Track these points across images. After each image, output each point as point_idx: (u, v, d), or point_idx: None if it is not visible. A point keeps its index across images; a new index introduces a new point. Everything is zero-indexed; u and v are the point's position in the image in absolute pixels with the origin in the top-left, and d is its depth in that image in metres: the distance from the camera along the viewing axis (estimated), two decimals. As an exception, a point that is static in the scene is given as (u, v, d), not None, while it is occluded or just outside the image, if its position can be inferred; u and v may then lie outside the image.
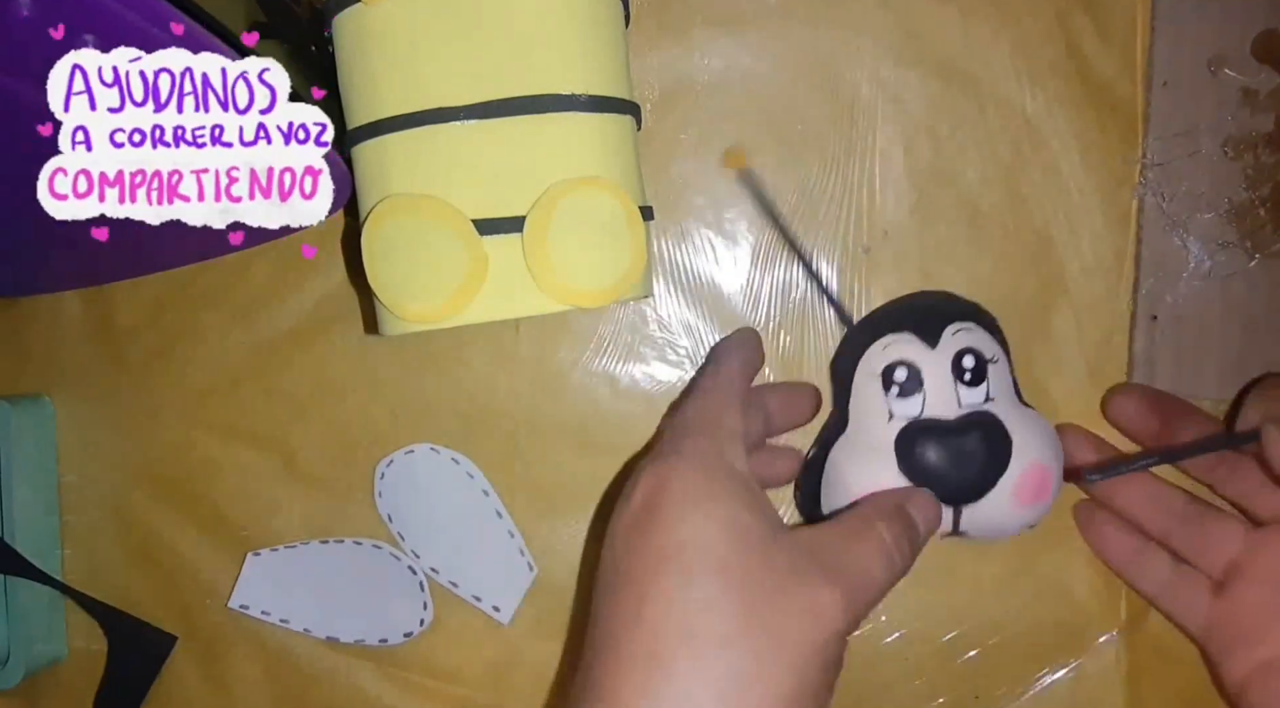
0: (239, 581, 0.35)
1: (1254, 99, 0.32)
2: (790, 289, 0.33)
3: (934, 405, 0.28)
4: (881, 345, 0.29)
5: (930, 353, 0.29)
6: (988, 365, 0.29)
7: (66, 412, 0.36)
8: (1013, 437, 0.28)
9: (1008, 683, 0.33)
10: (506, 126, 0.26)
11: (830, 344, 0.33)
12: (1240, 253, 0.32)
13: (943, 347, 0.29)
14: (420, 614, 0.34)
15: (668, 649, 0.22)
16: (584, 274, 0.27)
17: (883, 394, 0.29)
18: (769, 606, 0.22)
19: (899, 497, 0.27)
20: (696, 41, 0.33)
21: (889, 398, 0.29)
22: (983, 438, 0.28)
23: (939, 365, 0.29)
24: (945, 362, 0.29)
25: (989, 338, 0.30)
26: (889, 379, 0.29)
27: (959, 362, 0.28)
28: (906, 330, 0.29)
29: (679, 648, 0.22)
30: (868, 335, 0.30)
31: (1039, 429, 0.29)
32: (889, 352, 0.29)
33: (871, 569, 0.24)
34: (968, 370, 0.28)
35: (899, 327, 0.29)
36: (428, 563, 0.34)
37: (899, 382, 0.29)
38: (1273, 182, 0.32)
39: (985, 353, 0.29)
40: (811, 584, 0.23)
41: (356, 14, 0.27)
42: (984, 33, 0.32)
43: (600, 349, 0.34)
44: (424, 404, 0.34)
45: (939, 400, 0.28)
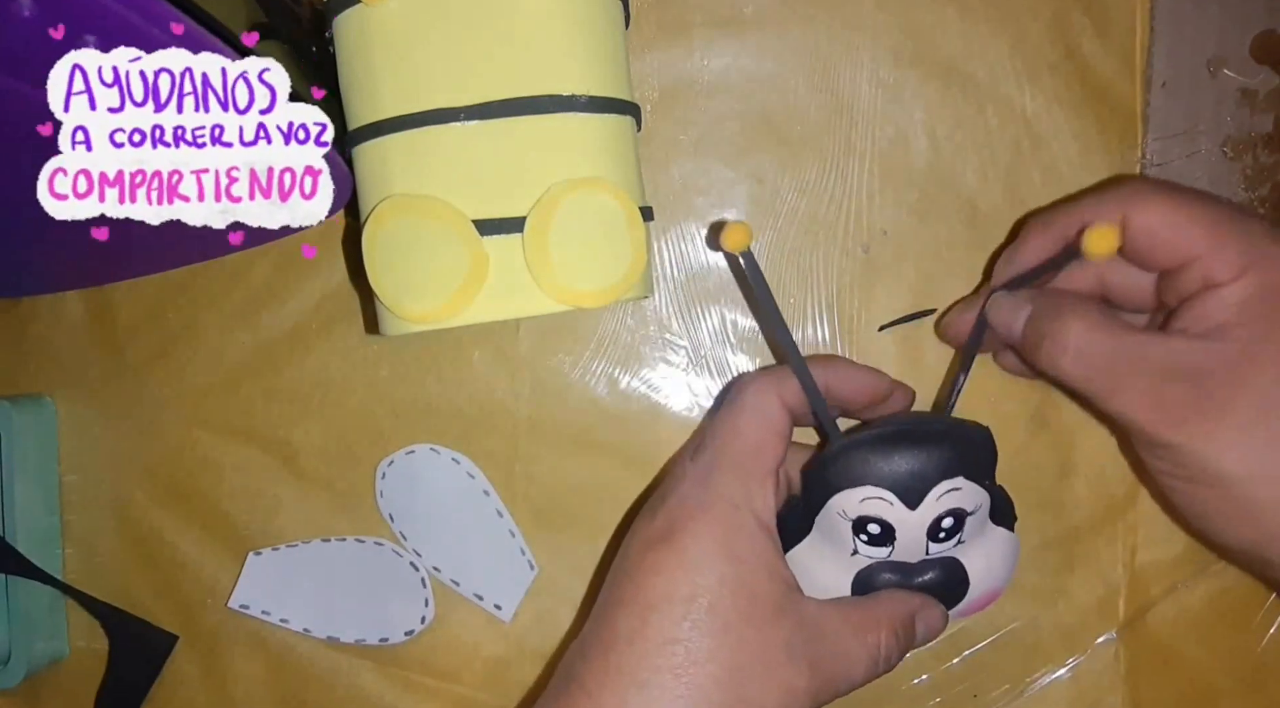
0: (239, 580, 0.35)
1: (1253, 99, 0.32)
2: (790, 289, 0.33)
3: (901, 554, 0.27)
4: (859, 496, 0.26)
5: (909, 514, 0.26)
6: (966, 519, 0.27)
7: (67, 411, 0.36)
8: (971, 576, 0.27)
9: (1007, 682, 0.33)
10: (507, 127, 0.26)
11: (830, 341, 0.33)
12: (1239, 253, 0.32)
13: (923, 509, 0.26)
14: (422, 612, 0.34)
15: (655, 678, 0.23)
16: (584, 274, 0.27)
17: (851, 535, 0.27)
18: (752, 673, 0.24)
19: (915, 605, 0.27)
20: (696, 42, 0.33)
21: (857, 540, 0.27)
22: (940, 582, 0.27)
23: (916, 526, 0.27)
24: (923, 525, 0.26)
25: (975, 489, 0.27)
26: (860, 528, 0.27)
27: (938, 523, 0.27)
28: (889, 490, 0.26)
29: (664, 680, 0.23)
30: (849, 473, 0.27)
31: (1000, 554, 0.28)
32: (865, 506, 0.26)
33: (854, 671, 0.25)
34: (944, 530, 0.27)
35: (882, 482, 0.26)
36: (429, 562, 0.34)
37: (871, 533, 0.27)
38: (1272, 182, 0.32)
39: (968, 509, 0.27)
40: (795, 669, 0.24)
41: (357, 14, 0.27)
42: (984, 33, 0.32)
43: (600, 349, 0.34)
44: (424, 404, 0.35)
45: (906, 551, 0.27)
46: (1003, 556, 0.28)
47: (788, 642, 0.24)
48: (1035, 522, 0.33)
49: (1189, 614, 0.33)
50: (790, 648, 0.24)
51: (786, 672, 0.24)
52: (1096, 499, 0.33)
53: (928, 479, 0.26)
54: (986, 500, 0.27)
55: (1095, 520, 0.33)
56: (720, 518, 0.25)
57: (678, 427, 0.34)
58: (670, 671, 0.23)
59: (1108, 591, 0.33)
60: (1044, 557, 0.33)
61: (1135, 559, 0.33)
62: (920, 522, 0.26)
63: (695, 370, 0.34)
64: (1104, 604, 0.33)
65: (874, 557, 0.27)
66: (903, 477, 0.26)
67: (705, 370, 0.34)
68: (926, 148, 0.33)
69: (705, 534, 0.25)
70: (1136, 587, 0.33)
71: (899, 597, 0.27)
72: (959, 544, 0.27)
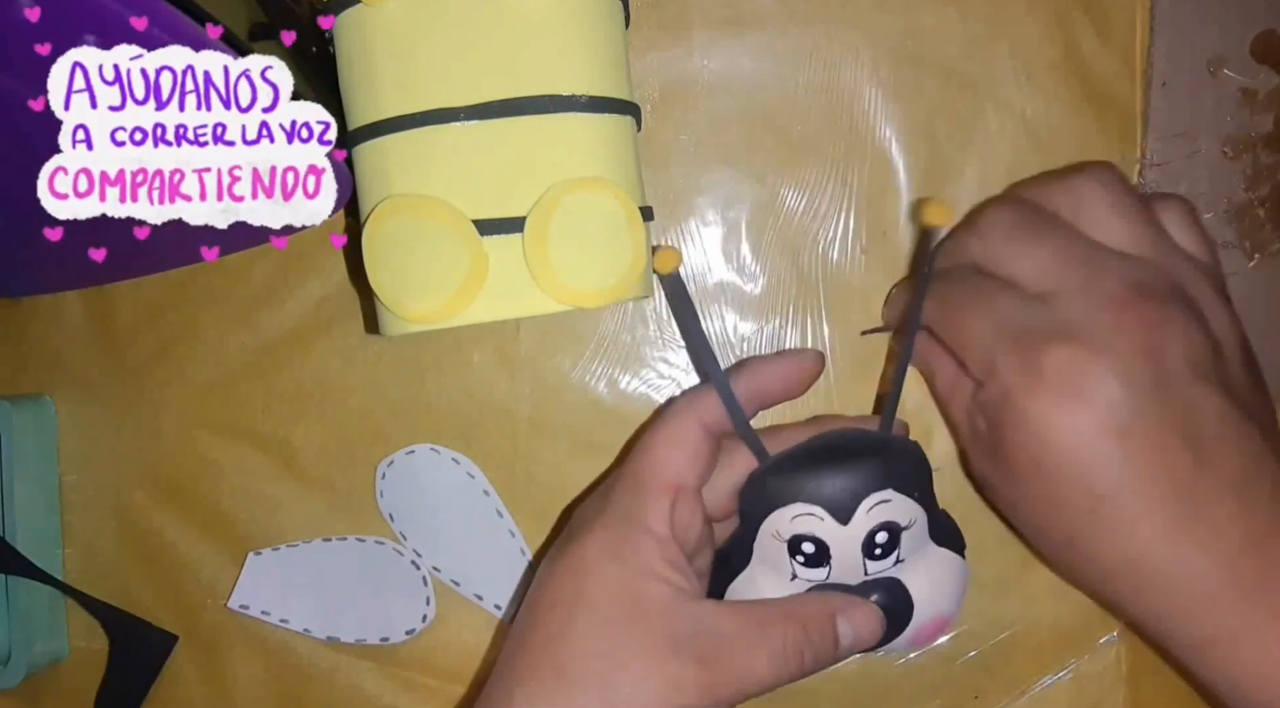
0: (239, 580, 0.35)
1: (1253, 99, 0.32)
2: (789, 289, 0.33)
3: (840, 574, 0.27)
4: (790, 515, 0.27)
5: (842, 530, 0.26)
6: (901, 534, 0.27)
7: (67, 412, 0.36)
8: (915, 600, 0.27)
9: (1008, 684, 0.33)
10: (507, 127, 0.26)
11: (829, 340, 0.33)
12: (1239, 253, 0.32)
13: (855, 524, 0.26)
14: (423, 610, 0.34)
15: (535, 677, 0.25)
16: (584, 274, 0.27)
17: (788, 556, 0.27)
18: (632, 666, 0.24)
19: (836, 605, 0.26)
20: (696, 42, 0.33)
21: (794, 563, 0.27)
22: (882, 604, 0.27)
23: (850, 542, 0.27)
24: (857, 539, 0.27)
25: (906, 502, 0.27)
26: (795, 548, 0.27)
27: (871, 539, 0.27)
28: (818, 505, 0.26)
29: (544, 678, 0.24)
30: (779, 492, 0.27)
31: (945, 577, 0.28)
32: (797, 524, 0.27)
33: (756, 666, 0.25)
34: (879, 546, 0.27)
35: (811, 498, 0.26)
36: (430, 562, 0.34)
37: (806, 553, 0.27)
38: (1272, 182, 0.32)
39: (901, 522, 0.27)
40: (679, 659, 0.24)
41: (357, 14, 0.27)
42: (984, 33, 0.32)
43: (600, 349, 0.34)
44: (424, 404, 0.35)
45: (845, 571, 0.27)
46: (948, 578, 0.28)
47: (671, 635, 0.25)
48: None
49: (1190, 615, 0.33)
50: (674, 641, 0.24)
51: (670, 665, 0.24)
52: (1097, 499, 0.33)
53: (856, 493, 0.26)
54: (921, 515, 0.27)
55: (1096, 521, 0.33)
56: (609, 526, 0.26)
57: (678, 427, 0.34)
58: (552, 668, 0.24)
59: (1108, 591, 0.33)
60: (1044, 557, 0.33)
61: (1136, 560, 0.33)
62: (854, 536, 0.27)
63: (695, 371, 0.34)
64: (1104, 605, 0.33)
65: (813, 580, 0.27)
66: (830, 492, 0.26)
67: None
68: (927, 148, 0.33)
69: (593, 542, 0.26)
70: (1137, 587, 0.33)
71: (815, 596, 0.27)
72: (899, 563, 0.27)
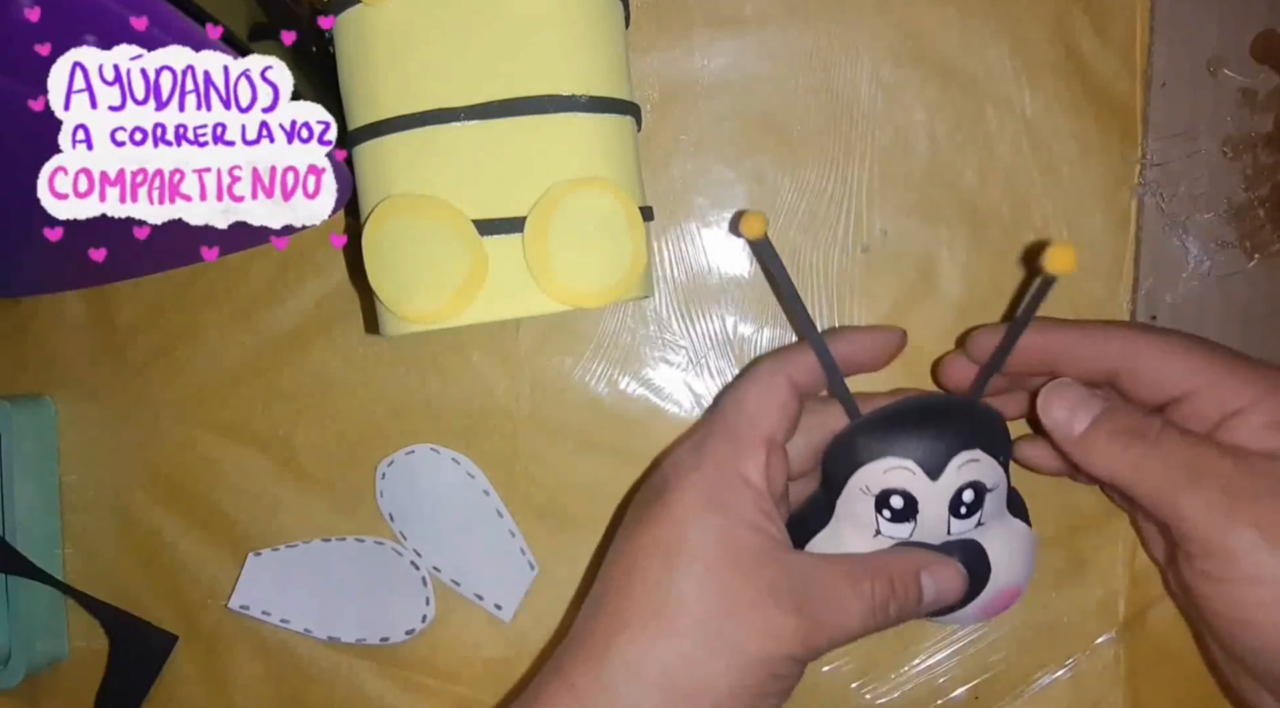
0: (239, 581, 0.35)
1: (1253, 99, 0.32)
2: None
3: (923, 533, 0.28)
4: (882, 468, 0.27)
5: (931, 486, 0.27)
6: (986, 496, 0.27)
7: (67, 412, 0.36)
8: (994, 566, 0.28)
9: (1007, 683, 0.33)
10: (507, 127, 0.26)
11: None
12: (1239, 253, 0.32)
13: (945, 480, 0.27)
14: (423, 610, 0.34)
15: (637, 621, 0.24)
16: (584, 274, 0.27)
17: (874, 511, 0.27)
18: (734, 614, 0.24)
19: (921, 561, 0.27)
20: (696, 42, 0.33)
21: (880, 518, 0.27)
22: (962, 563, 0.27)
23: (938, 500, 0.27)
24: (945, 497, 0.27)
25: (993, 464, 0.28)
26: (884, 502, 0.27)
27: (959, 496, 0.27)
28: (911, 459, 0.27)
29: (647, 622, 0.24)
30: (870, 447, 0.27)
31: (1020, 548, 0.29)
32: (889, 477, 0.27)
33: (848, 618, 0.25)
34: (965, 504, 0.27)
35: (905, 452, 0.27)
36: (429, 562, 0.34)
37: (894, 507, 0.27)
38: (1272, 182, 0.32)
39: (987, 483, 0.27)
40: (781, 609, 0.24)
41: (357, 14, 0.27)
42: (984, 33, 0.32)
43: (600, 349, 0.34)
44: (424, 404, 0.35)
45: (929, 530, 0.27)
46: (1023, 548, 0.29)
47: (772, 585, 0.24)
48: (1036, 522, 0.33)
49: (1189, 614, 0.33)
50: (775, 591, 0.24)
51: (771, 613, 0.24)
52: (1097, 499, 0.33)
53: (948, 449, 0.27)
54: (1004, 480, 0.28)
55: (1095, 521, 0.33)
56: (707, 476, 0.26)
57: (678, 427, 0.34)
58: (653, 613, 0.24)
59: (1108, 591, 0.33)
60: (1044, 557, 0.33)
61: (1135, 559, 0.33)
62: (942, 494, 0.27)
63: (695, 370, 0.34)
64: (1104, 604, 0.33)
65: (896, 536, 0.28)
66: (924, 446, 0.27)
67: (705, 370, 0.34)
68: (926, 148, 0.33)
69: (691, 490, 0.26)
70: (1137, 587, 0.33)
71: (903, 551, 0.27)
72: (979, 526, 0.28)
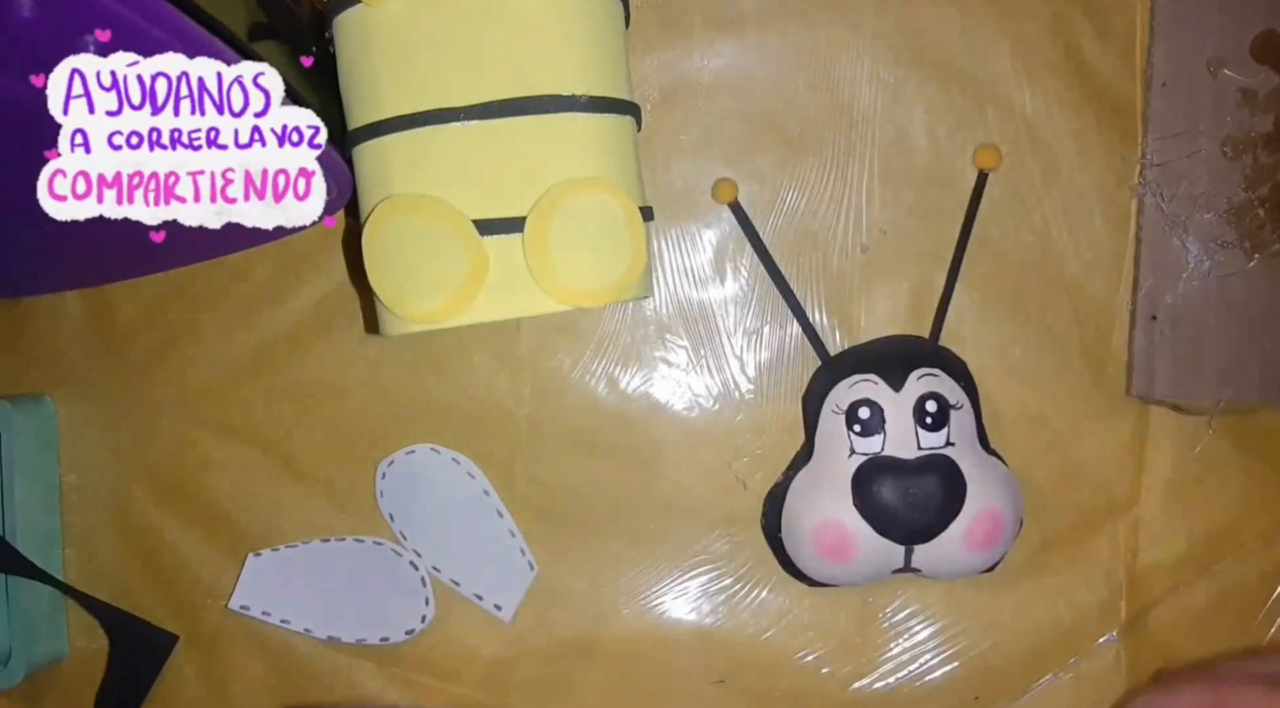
0: (239, 582, 0.35)
1: (1253, 99, 0.32)
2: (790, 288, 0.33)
3: (894, 445, 0.30)
4: (848, 384, 0.30)
5: (894, 395, 0.30)
6: (950, 411, 0.30)
7: (67, 411, 0.36)
8: (969, 482, 0.29)
9: (1008, 684, 0.33)
10: (507, 127, 0.26)
11: (830, 339, 0.33)
12: (1239, 253, 0.32)
13: (906, 390, 0.30)
14: (422, 611, 0.34)
15: None
16: (584, 274, 0.27)
17: (846, 430, 0.30)
18: None
19: None
20: (696, 42, 0.33)
21: (851, 434, 0.30)
22: (939, 481, 0.29)
23: (901, 407, 0.30)
24: (908, 404, 0.30)
25: (954, 385, 0.31)
26: (853, 417, 0.30)
27: (921, 405, 0.30)
28: (873, 372, 0.30)
29: None
30: (837, 373, 0.31)
31: (997, 477, 0.30)
32: (854, 390, 0.30)
33: None
34: (929, 415, 0.30)
35: (866, 368, 0.30)
36: (430, 562, 0.34)
37: (862, 419, 0.30)
38: (1272, 182, 0.32)
39: (949, 399, 0.30)
40: None
41: (357, 14, 0.27)
42: (984, 33, 0.32)
43: (600, 349, 0.34)
44: (424, 404, 0.35)
45: (899, 441, 0.29)
46: (997, 478, 0.30)
47: None
48: (1036, 522, 0.33)
49: (1190, 616, 0.33)
50: None
51: None
52: (1097, 500, 0.33)
53: (906, 366, 0.30)
54: (968, 405, 0.30)
55: (1096, 521, 0.33)
56: None
57: (678, 427, 0.34)
58: None
59: (1109, 592, 0.33)
60: (1045, 557, 0.33)
61: (1136, 561, 0.33)
62: (905, 401, 0.30)
63: (695, 370, 0.34)
64: (1105, 605, 0.33)
65: (868, 452, 0.29)
66: (885, 363, 0.31)
67: (705, 370, 0.34)
68: (926, 148, 0.33)
69: None
70: (1137, 588, 0.33)
71: None
72: (950, 446, 0.29)
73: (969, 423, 0.30)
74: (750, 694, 0.34)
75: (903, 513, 0.29)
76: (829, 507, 0.30)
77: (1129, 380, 0.33)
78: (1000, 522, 0.29)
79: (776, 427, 0.33)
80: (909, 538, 0.29)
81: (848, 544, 0.29)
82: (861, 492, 0.29)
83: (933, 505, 0.29)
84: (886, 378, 0.30)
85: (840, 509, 0.29)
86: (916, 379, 0.30)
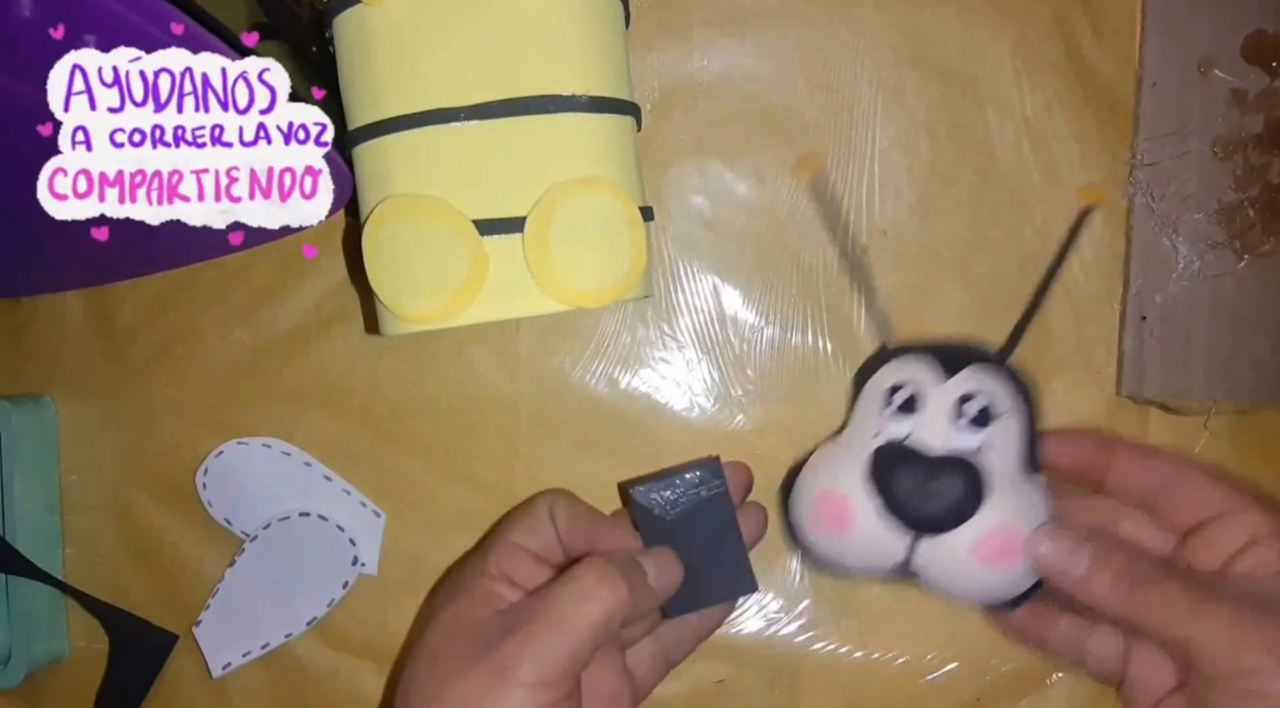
0: (205, 655, 0.34)
1: (1243, 100, 0.32)
2: (788, 288, 0.34)
3: (921, 434, 0.28)
4: (898, 363, 0.29)
5: (939, 384, 0.28)
6: (993, 417, 0.27)
7: (67, 411, 0.36)
8: (991, 492, 0.27)
9: (1009, 686, 0.34)
10: (507, 127, 0.26)
11: (830, 339, 0.34)
12: (1229, 253, 0.32)
13: (955, 382, 0.28)
14: (351, 553, 0.34)
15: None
16: (584, 274, 0.27)
17: (878, 412, 0.29)
18: (464, 676, 0.25)
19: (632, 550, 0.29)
20: (696, 42, 0.33)
21: (883, 415, 0.28)
22: (956, 475, 0.27)
23: (942, 398, 0.28)
24: (950, 397, 0.28)
25: (1007, 391, 0.28)
26: (890, 396, 0.28)
27: (964, 402, 0.27)
28: (931, 355, 0.29)
29: None
30: (893, 355, 0.30)
31: (1028, 500, 0.27)
32: (903, 368, 0.29)
33: (565, 615, 0.25)
34: (968, 415, 0.27)
35: (926, 353, 0.29)
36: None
37: (897, 401, 0.28)
38: (1261, 182, 0.32)
39: (997, 404, 0.28)
40: (498, 648, 0.25)
41: (357, 14, 0.27)
42: (984, 33, 0.33)
43: (600, 349, 0.34)
44: (424, 404, 0.35)
45: (929, 433, 0.27)
46: (1030, 501, 0.27)
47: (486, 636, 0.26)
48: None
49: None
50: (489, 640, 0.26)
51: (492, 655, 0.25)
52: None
53: (967, 358, 0.29)
54: (1016, 418, 0.28)
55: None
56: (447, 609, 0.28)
57: (677, 427, 0.34)
58: None
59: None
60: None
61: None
62: (947, 393, 0.28)
63: (695, 370, 0.34)
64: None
65: (894, 436, 0.28)
66: (947, 352, 0.29)
67: (705, 370, 0.34)
68: (926, 148, 0.33)
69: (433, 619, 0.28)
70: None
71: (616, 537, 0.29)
72: (980, 451, 0.27)
73: (1014, 438, 0.28)
74: (750, 695, 0.34)
75: (913, 500, 0.27)
76: (839, 478, 0.28)
77: (1119, 380, 0.33)
78: (1015, 541, 0.27)
79: (775, 428, 0.34)
80: (914, 525, 0.27)
81: (844, 515, 0.28)
82: (876, 473, 0.27)
83: (945, 497, 0.27)
84: (941, 361, 0.28)
85: (848, 482, 0.28)
86: (969, 375, 0.28)
